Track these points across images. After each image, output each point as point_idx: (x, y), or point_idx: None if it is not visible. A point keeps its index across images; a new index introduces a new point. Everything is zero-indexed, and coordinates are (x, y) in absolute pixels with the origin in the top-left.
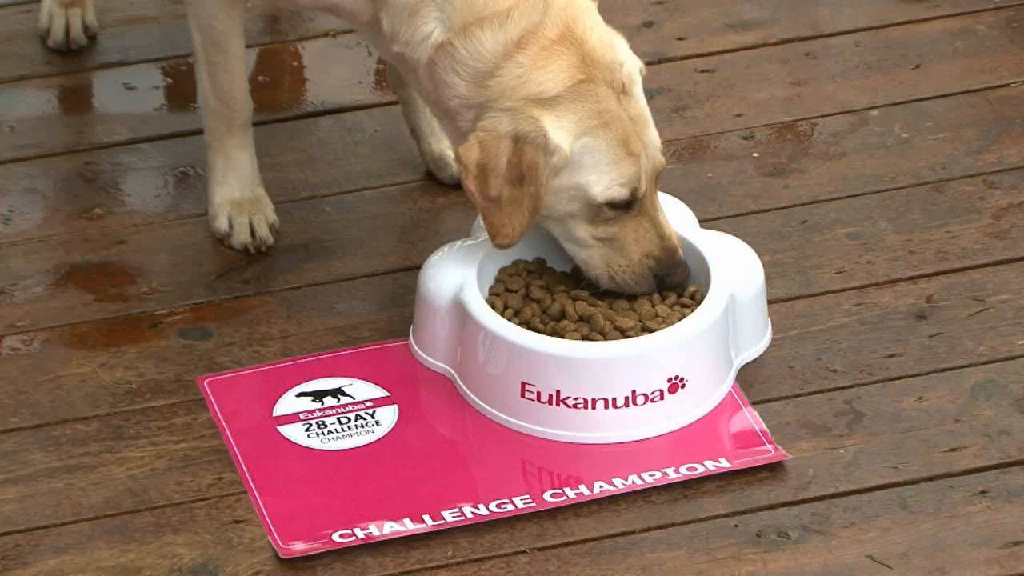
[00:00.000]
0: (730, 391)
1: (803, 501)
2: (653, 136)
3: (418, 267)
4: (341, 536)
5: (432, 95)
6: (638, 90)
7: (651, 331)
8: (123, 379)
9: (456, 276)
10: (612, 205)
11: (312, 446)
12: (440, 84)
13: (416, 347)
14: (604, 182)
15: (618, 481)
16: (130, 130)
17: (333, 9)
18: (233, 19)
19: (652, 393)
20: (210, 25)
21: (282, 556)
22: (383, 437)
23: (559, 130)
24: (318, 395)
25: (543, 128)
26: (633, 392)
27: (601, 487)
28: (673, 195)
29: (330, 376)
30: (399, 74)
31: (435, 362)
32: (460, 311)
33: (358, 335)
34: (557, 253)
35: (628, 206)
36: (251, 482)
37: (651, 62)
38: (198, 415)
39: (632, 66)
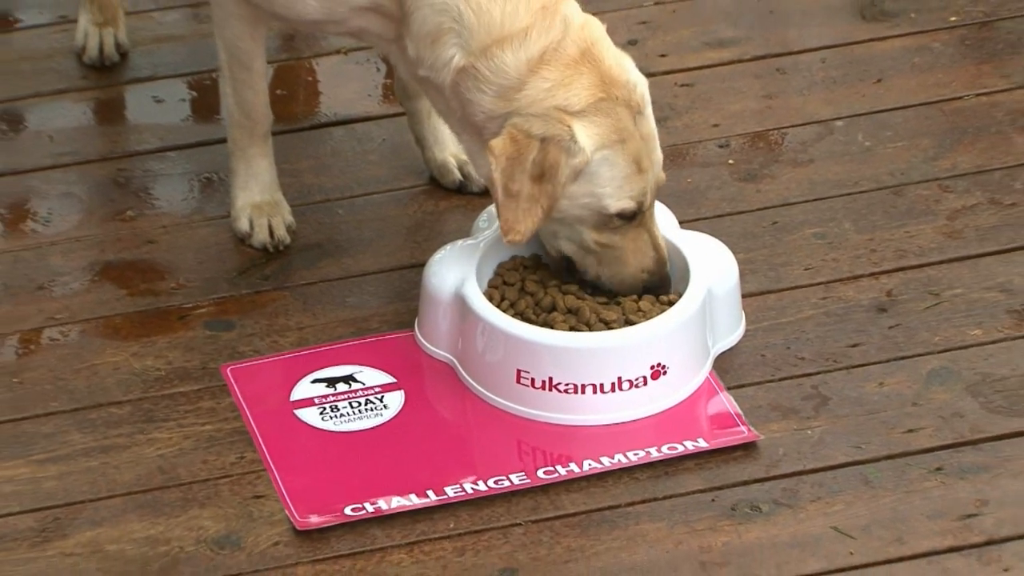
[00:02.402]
0: (707, 377)
1: (774, 477)
2: (659, 154)
3: (422, 264)
4: (352, 510)
5: (458, 113)
6: (648, 110)
7: (632, 323)
8: (153, 367)
9: (457, 272)
10: (621, 216)
11: (326, 428)
12: (466, 103)
13: (421, 337)
14: (617, 195)
15: (605, 459)
16: (159, 139)
17: (360, 33)
18: (256, 39)
19: (636, 379)
20: (235, 45)
21: (298, 528)
22: (391, 420)
23: (585, 136)
24: (331, 381)
25: (572, 131)
26: (619, 378)
27: (590, 465)
28: (659, 199)
29: (342, 364)
30: (406, 88)
31: (438, 351)
32: (461, 304)
33: (368, 326)
34: None
35: (632, 217)
36: (270, 461)
37: None
38: (222, 400)
39: (644, 87)
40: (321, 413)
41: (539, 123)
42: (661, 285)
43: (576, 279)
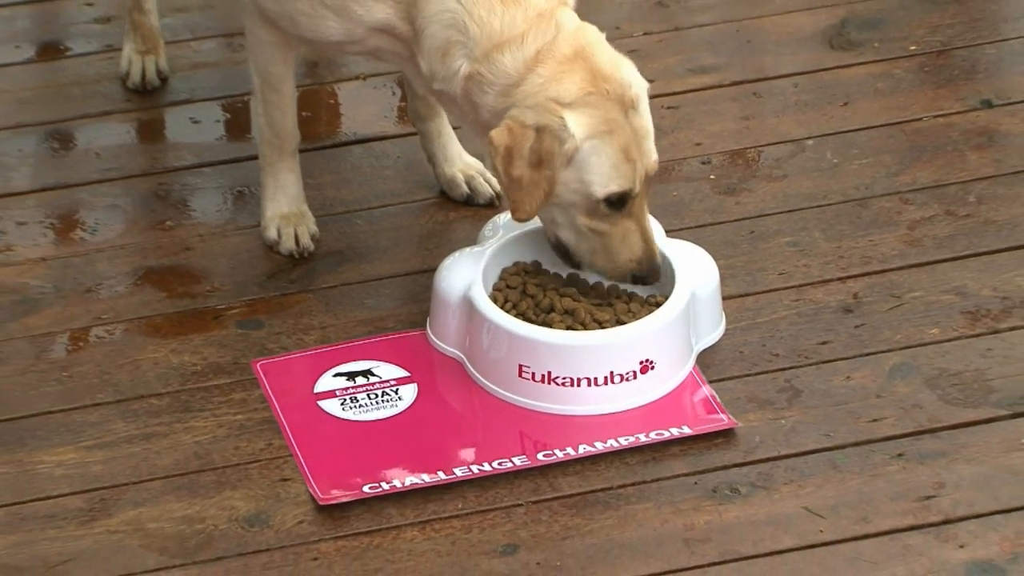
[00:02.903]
0: (691, 372)
1: (751, 462)
2: (650, 147)
3: (433, 269)
4: (370, 487)
5: (471, 116)
6: (644, 107)
7: (623, 323)
8: (190, 362)
9: (465, 277)
10: (608, 202)
11: (346, 417)
12: (475, 106)
13: (432, 335)
14: (603, 181)
15: (598, 444)
16: (195, 156)
17: (377, 52)
18: (286, 64)
19: (627, 373)
20: (267, 69)
21: (321, 503)
22: (404, 410)
23: (576, 125)
24: (351, 375)
25: (563, 119)
26: (611, 373)
27: (584, 449)
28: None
29: (361, 359)
30: (418, 110)
31: (448, 348)
32: (468, 305)
33: (384, 326)
34: (551, 257)
35: (621, 205)
36: (295, 447)
37: None
38: (252, 392)
39: (639, 86)
40: (342, 404)
41: (533, 114)
42: (649, 275)
43: (571, 265)
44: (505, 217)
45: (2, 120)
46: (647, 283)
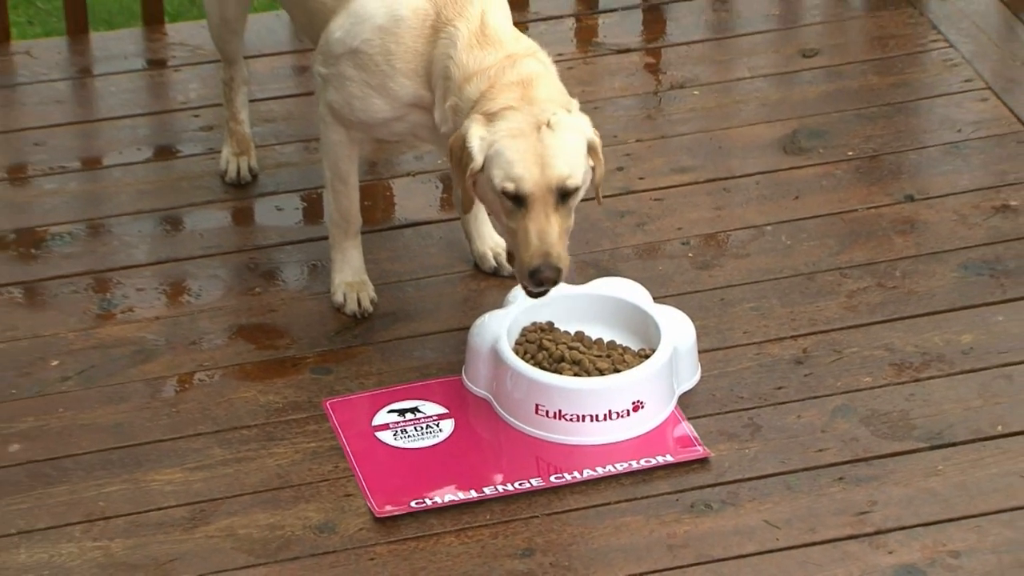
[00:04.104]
0: (673, 411)
1: (721, 484)
2: (557, 162)
3: (468, 327)
4: (416, 503)
5: None
6: (561, 132)
7: (619, 371)
8: (273, 400)
9: (493, 333)
10: (506, 195)
11: (397, 445)
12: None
13: (466, 380)
14: (499, 176)
15: (599, 468)
16: (279, 236)
17: (415, 130)
18: (352, 162)
19: (622, 411)
20: (337, 166)
21: (377, 516)
22: (444, 440)
23: (480, 140)
24: (401, 411)
25: (469, 140)
26: (610, 411)
27: (588, 472)
28: (638, 282)
29: (409, 399)
30: (467, 223)
31: (479, 390)
32: (495, 356)
33: (428, 372)
34: (562, 318)
35: (519, 202)
36: (357, 469)
37: (621, 193)
38: (322, 424)
39: (567, 117)
40: (394, 435)
41: (465, 128)
42: (544, 272)
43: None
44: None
45: (126, 207)
46: (543, 283)
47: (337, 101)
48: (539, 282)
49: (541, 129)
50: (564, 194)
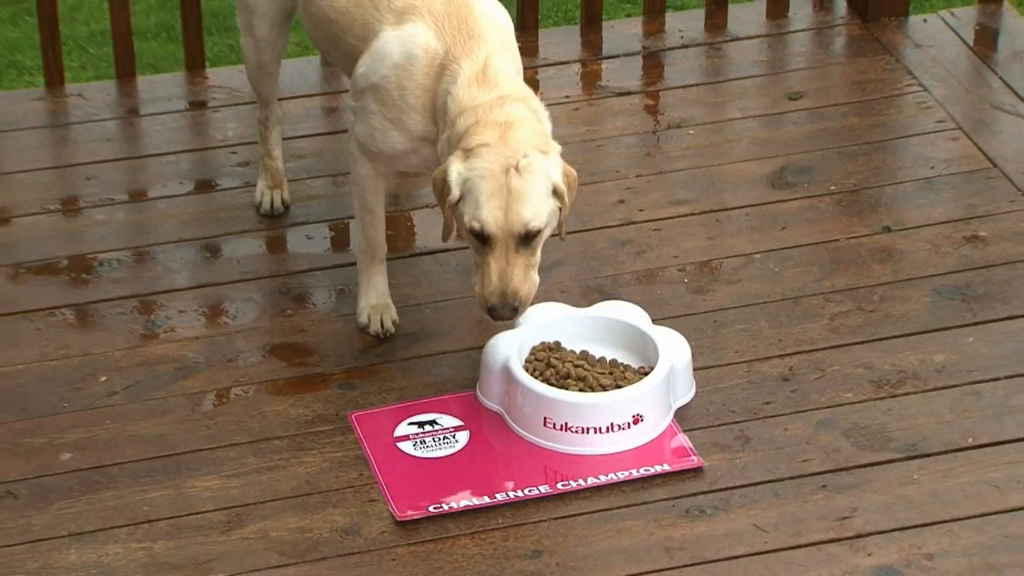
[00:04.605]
0: (670, 423)
1: (714, 491)
2: (519, 207)
3: (482, 347)
4: (434, 508)
5: None
6: (528, 176)
7: (621, 387)
8: (303, 414)
9: (504, 352)
10: (472, 233)
11: (417, 455)
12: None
13: (480, 395)
14: (468, 215)
15: (602, 476)
16: (309, 263)
17: (428, 163)
18: (378, 194)
19: (623, 424)
20: (364, 197)
21: (398, 520)
22: (460, 450)
23: (457, 175)
24: (421, 424)
25: (449, 174)
26: (612, 423)
27: (592, 480)
28: (638, 305)
29: (428, 412)
30: None
31: (492, 404)
32: (507, 374)
33: (445, 388)
34: (568, 338)
35: (484, 241)
36: (380, 477)
37: (622, 224)
38: (348, 436)
39: (536, 161)
40: (414, 445)
41: (447, 163)
42: (499, 310)
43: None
44: (532, 310)
45: (170, 236)
46: (497, 319)
47: (362, 134)
48: (494, 318)
49: (509, 172)
50: (526, 236)
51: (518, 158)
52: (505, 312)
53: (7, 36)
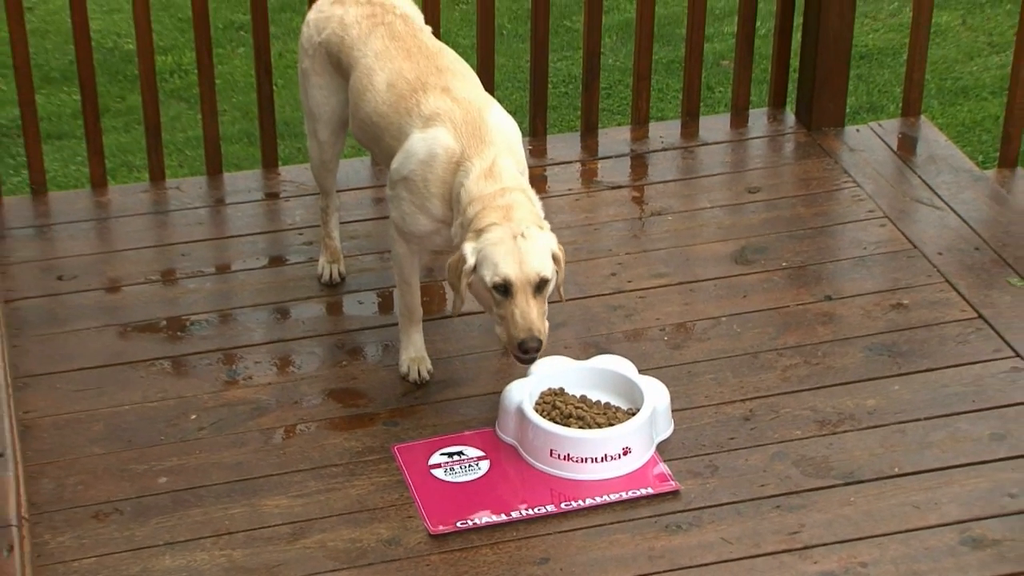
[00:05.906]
0: (653, 455)
1: (689, 510)
2: (531, 262)
3: (500, 392)
4: (461, 523)
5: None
6: (533, 240)
7: (613, 425)
8: (355, 446)
9: (519, 396)
10: (495, 288)
11: (448, 480)
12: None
13: (499, 431)
14: (489, 274)
15: (598, 498)
16: (360, 323)
17: (448, 244)
18: (414, 268)
19: (615, 455)
20: (403, 271)
21: (431, 533)
22: (482, 476)
23: (471, 248)
24: (450, 454)
25: (464, 250)
26: (605, 455)
27: (589, 501)
28: (627, 358)
29: (456, 445)
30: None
31: (508, 438)
32: (520, 413)
33: (470, 425)
34: (572, 385)
35: (506, 292)
36: (417, 498)
37: (614, 292)
38: (391, 464)
39: (536, 231)
40: (445, 472)
41: (462, 247)
42: (529, 346)
43: (505, 351)
44: (540, 363)
45: (248, 301)
46: (528, 351)
47: (396, 218)
48: (525, 351)
49: (517, 238)
50: (539, 285)
51: (522, 228)
52: (533, 344)
53: (120, 141)
